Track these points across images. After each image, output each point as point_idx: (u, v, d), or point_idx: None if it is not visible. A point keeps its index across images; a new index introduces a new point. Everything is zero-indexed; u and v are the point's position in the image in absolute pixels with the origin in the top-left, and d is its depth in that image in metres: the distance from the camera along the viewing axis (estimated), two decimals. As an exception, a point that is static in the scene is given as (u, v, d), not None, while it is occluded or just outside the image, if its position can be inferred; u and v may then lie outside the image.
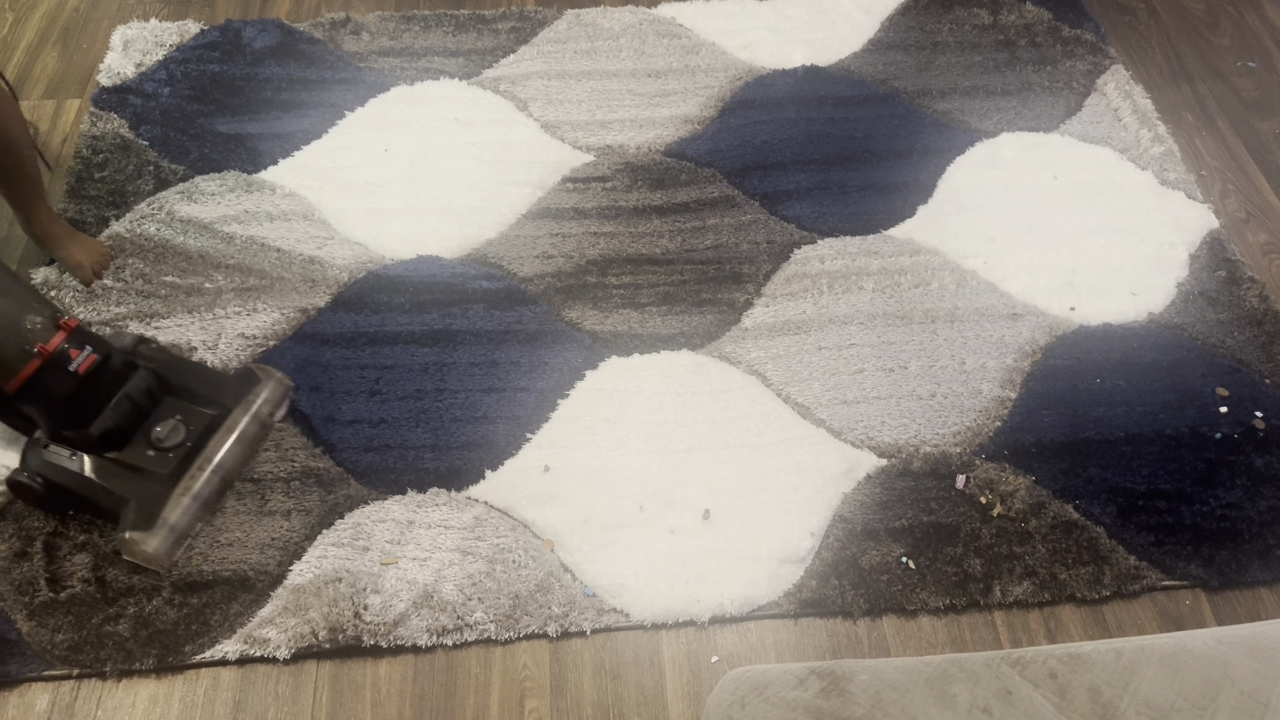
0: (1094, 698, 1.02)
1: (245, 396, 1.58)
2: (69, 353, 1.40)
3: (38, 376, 1.37)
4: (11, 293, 1.37)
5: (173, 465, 1.48)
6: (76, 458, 1.45)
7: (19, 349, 1.35)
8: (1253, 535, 1.56)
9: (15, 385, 1.36)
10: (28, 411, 1.43)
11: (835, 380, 1.71)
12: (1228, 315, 1.82)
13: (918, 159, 2.06)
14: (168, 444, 1.49)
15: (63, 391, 1.41)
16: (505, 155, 2.03)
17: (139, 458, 1.48)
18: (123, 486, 1.46)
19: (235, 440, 1.54)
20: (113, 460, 1.47)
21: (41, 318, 1.38)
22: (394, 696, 1.39)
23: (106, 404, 1.46)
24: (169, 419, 1.51)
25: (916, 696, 1.01)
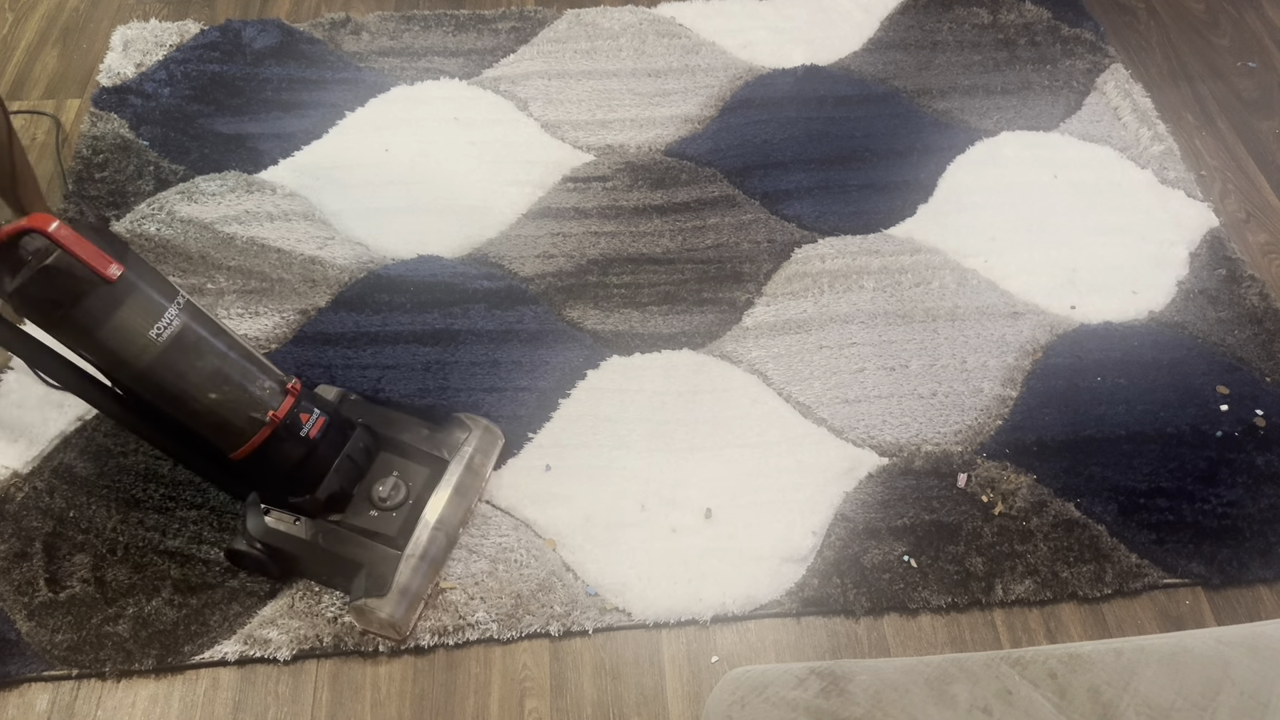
0: (1094, 698, 1.01)
1: (458, 448, 1.51)
2: (300, 417, 1.37)
3: (268, 443, 1.33)
4: (236, 357, 1.32)
5: (398, 525, 1.43)
6: (301, 523, 1.40)
7: (248, 417, 1.31)
8: (1253, 533, 1.56)
9: (244, 453, 1.33)
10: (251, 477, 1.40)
11: (836, 379, 1.71)
12: (1228, 313, 1.82)
13: (918, 158, 2.06)
14: (390, 503, 1.44)
15: (294, 457, 1.37)
16: (505, 155, 2.03)
17: (363, 519, 1.43)
18: (351, 551, 1.40)
19: (454, 494, 1.47)
20: (337, 523, 1.42)
21: (270, 381, 1.35)
22: (394, 696, 1.39)
23: (330, 466, 1.41)
24: (388, 477, 1.45)
25: (916, 696, 1.01)
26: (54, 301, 1.18)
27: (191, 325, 1.27)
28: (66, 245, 1.15)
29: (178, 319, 1.25)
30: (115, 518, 1.51)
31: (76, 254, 1.16)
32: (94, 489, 1.54)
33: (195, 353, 1.27)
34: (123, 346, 1.22)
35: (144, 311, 1.23)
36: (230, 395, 1.30)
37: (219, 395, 1.29)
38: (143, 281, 1.23)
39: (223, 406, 1.30)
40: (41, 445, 1.59)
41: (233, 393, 1.30)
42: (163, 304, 1.25)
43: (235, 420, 1.31)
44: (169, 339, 1.24)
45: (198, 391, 1.28)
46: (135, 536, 1.50)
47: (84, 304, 1.18)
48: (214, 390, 1.29)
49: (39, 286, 1.17)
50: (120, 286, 1.20)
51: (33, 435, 1.59)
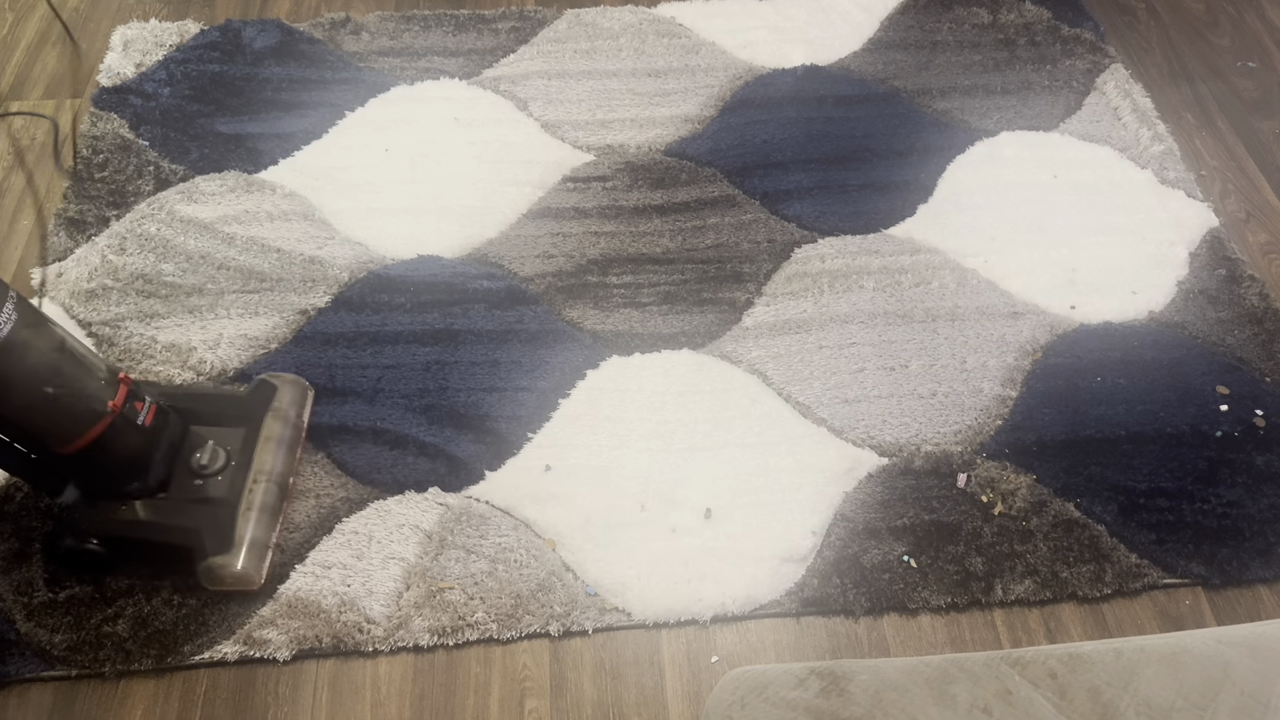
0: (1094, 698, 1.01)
1: (269, 405, 1.55)
2: (135, 405, 1.37)
3: (106, 433, 1.33)
4: (69, 350, 1.31)
5: (226, 486, 1.46)
6: (130, 507, 1.41)
7: (87, 409, 1.31)
8: (1253, 533, 1.56)
9: (81, 445, 1.32)
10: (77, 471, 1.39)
11: (836, 379, 1.71)
12: (1228, 313, 1.82)
13: (918, 158, 2.06)
14: (212, 469, 1.46)
15: (133, 445, 1.38)
16: (505, 155, 2.03)
17: (190, 490, 1.45)
18: (189, 519, 1.42)
19: (275, 445, 1.51)
20: (166, 499, 1.43)
21: (102, 373, 1.34)
22: (394, 696, 1.39)
23: (157, 450, 1.43)
24: (204, 446, 1.47)
25: (916, 696, 1.01)
26: None
27: (24, 320, 1.24)
28: None
29: (12, 314, 1.22)
30: (115, 518, 1.51)
31: None
32: (94, 489, 1.54)
33: (30, 347, 1.25)
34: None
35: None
36: (67, 388, 1.28)
37: (55, 389, 1.27)
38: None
39: (60, 400, 1.28)
40: (41, 445, 1.59)
41: (69, 385, 1.29)
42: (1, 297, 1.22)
43: (73, 412, 1.30)
44: (6, 333, 1.21)
45: (34, 386, 1.25)
46: (135, 536, 1.50)
47: None
48: (50, 384, 1.27)
49: None
50: None
51: (32, 435, 1.59)
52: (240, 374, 1.68)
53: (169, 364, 1.68)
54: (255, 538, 1.44)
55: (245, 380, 1.67)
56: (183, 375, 1.67)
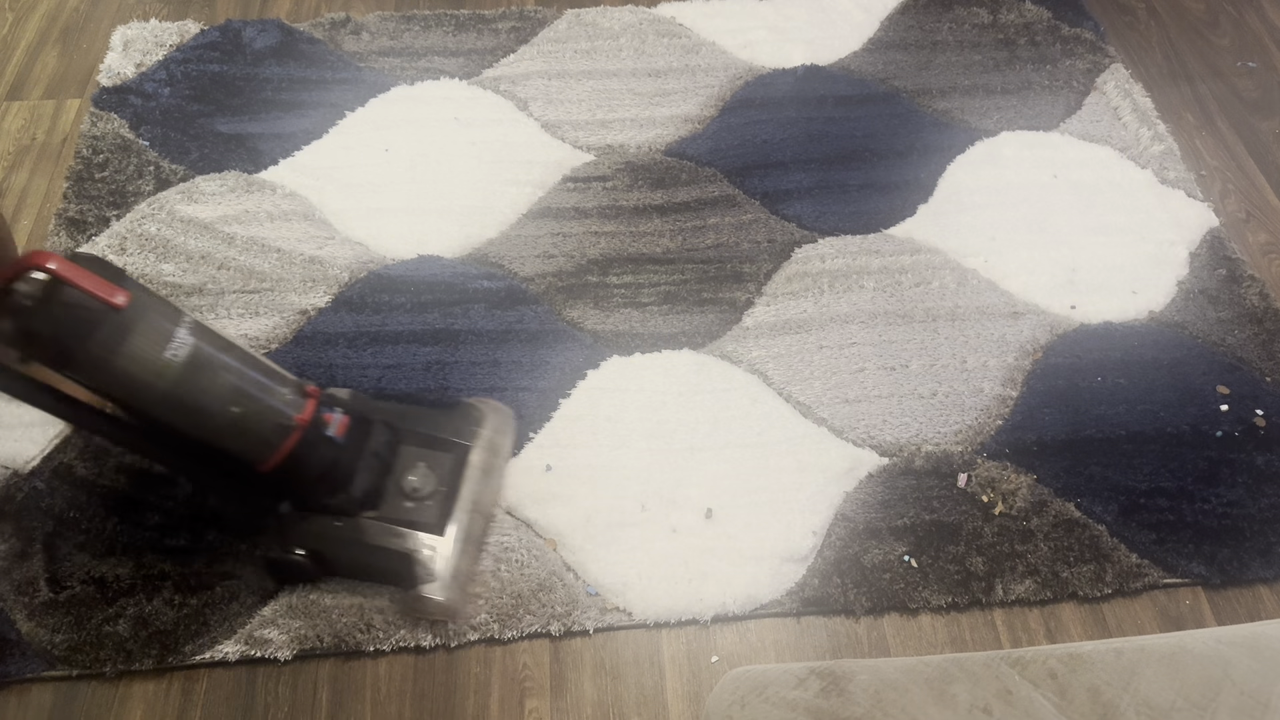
0: (1094, 698, 1.02)
1: (476, 431, 1.52)
2: (324, 418, 1.37)
3: (297, 449, 1.32)
4: (251, 369, 1.31)
5: (435, 512, 1.43)
6: (342, 523, 1.40)
7: (274, 425, 1.30)
8: (1254, 533, 1.56)
9: (275, 463, 1.32)
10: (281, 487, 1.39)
11: (836, 379, 1.71)
12: (1228, 313, 1.82)
13: (918, 158, 2.06)
14: (423, 492, 1.44)
15: (325, 459, 1.37)
16: (506, 155, 2.03)
17: (400, 511, 1.42)
18: (396, 543, 1.40)
19: (482, 475, 1.49)
20: (376, 519, 1.41)
21: (288, 389, 1.34)
22: (394, 696, 1.39)
23: (357, 464, 1.41)
24: (415, 468, 1.45)
25: (916, 696, 1.01)
26: (65, 338, 1.16)
27: (203, 342, 1.25)
28: (71, 278, 1.14)
29: (189, 338, 1.24)
30: (115, 518, 1.51)
31: (82, 285, 1.14)
32: (94, 489, 1.54)
33: (212, 369, 1.26)
34: (140, 373, 1.20)
35: (155, 335, 1.21)
36: (253, 406, 1.29)
37: (242, 408, 1.28)
38: (148, 305, 1.22)
39: (247, 419, 1.29)
40: (41, 445, 1.59)
41: (255, 403, 1.29)
42: (171, 325, 1.23)
43: (261, 430, 1.30)
44: (185, 359, 1.22)
45: (220, 407, 1.26)
46: (135, 536, 1.50)
47: (97, 336, 1.16)
48: (235, 404, 1.27)
49: (48, 325, 1.14)
50: (129, 313, 1.18)
51: (33, 435, 1.59)
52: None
53: (169, 364, 1.68)
54: (462, 569, 1.42)
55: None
56: (183, 375, 1.67)
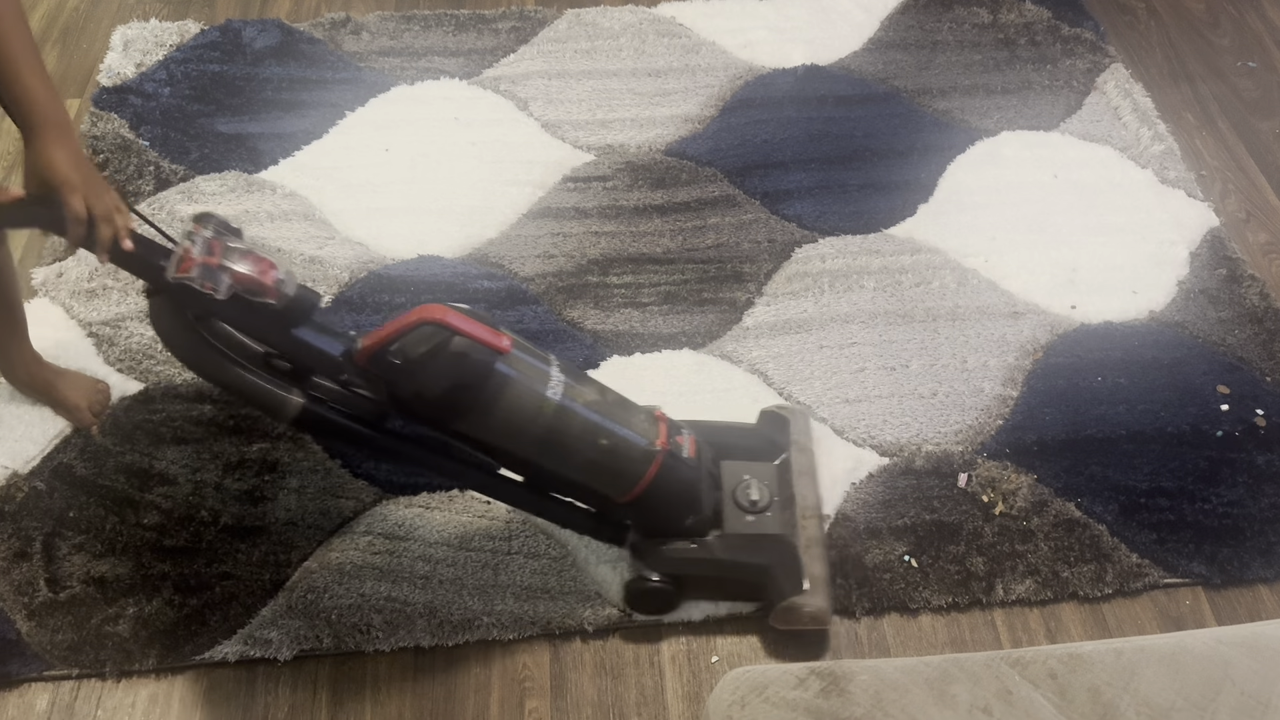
0: (1094, 698, 1.02)
1: (787, 436, 1.52)
2: (678, 441, 1.36)
3: (658, 475, 1.31)
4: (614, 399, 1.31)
5: (780, 522, 1.42)
6: (700, 544, 1.38)
7: (640, 452, 1.30)
8: (1254, 532, 1.56)
9: (639, 490, 1.31)
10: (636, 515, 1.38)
11: (837, 379, 1.71)
12: (1228, 313, 1.82)
13: (918, 158, 2.06)
14: (761, 504, 1.42)
15: (686, 480, 1.36)
16: (506, 155, 2.03)
17: (746, 525, 1.41)
18: (755, 558, 1.40)
19: (806, 479, 1.48)
20: (727, 536, 1.40)
21: (641, 415, 1.34)
22: (394, 696, 1.39)
23: (703, 485, 1.39)
24: (744, 481, 1.43)
25: (916, 696, 1.01)
26: (462, 387, 1.17)
27: (571, 378, 1.26)
28: (459, 327, 1.15)
29: (562, 375, 1.25)
30: (115, 518, 1.51)
31: (470, 334, 1.15)
32: (94, 489, 1.54)
33: (583, 403, 1.26)
34: (522, 414, 1.21)
35: (535, 375, 1.22)
36: (619, 437, 1.29)
37: (609, 440, 1.28)
38: (524, 347, 1.23)
39: (615, 450, 1.28)
40: (41, 445, 1.59)
41: (619, 434, 1.29)
42: (545, 363, 1.24)
43: (627, 460, 1.30)
44: (561, 396, 1.23)
45: (592, 440, 1.26)
46: (135, 536, 1.50)
47: (490, 381, 1.18)
48: (604, 436, 1.27)
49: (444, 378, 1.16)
50: (513, 356, 1.20)
51: (33, 435, 1.59)
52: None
53: (170, 364, 1.68)
54: (818, 574, 1.40)
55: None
56: (183, 375, 1.67)
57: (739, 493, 1.42)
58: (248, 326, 1.18)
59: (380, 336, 1.17)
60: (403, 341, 1.16)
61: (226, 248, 1.12)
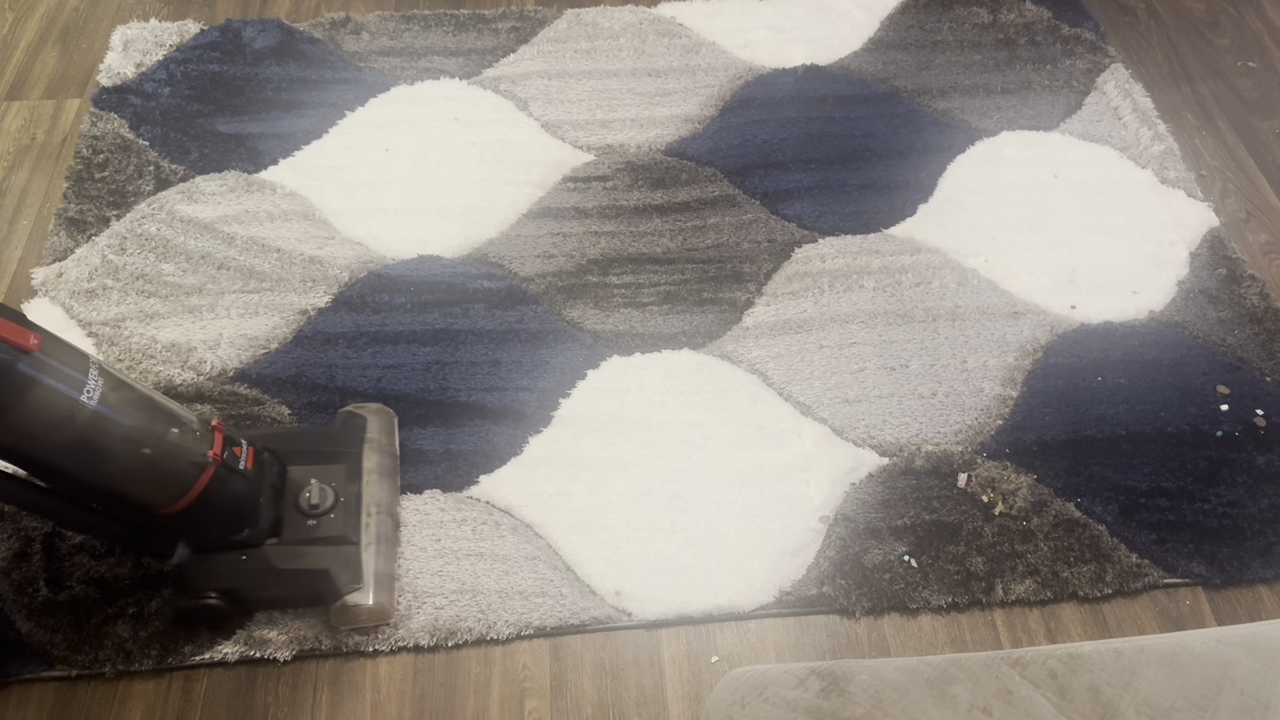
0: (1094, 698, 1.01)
1: (361, 436, 1.52)
2: (234, 451, 1.33)
3: (210, 485, 1.28)
4: (159, 407, 1.26)
5: (342, 523, 1.41)
6: (250, 556, 1.36)
7: (188, 462, 1.26)
8: (1254, 532, 1.56)
9: (186, 502, 1.27)
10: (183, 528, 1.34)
11: (837, 379, 1.71)
12: (1228, 313, 1.82)
13: (918, 158, 2.06)
14: (323, 507, 1.41)
15: (239, 492, 1.33)
16: (506, 155, 2.03)
17: (306, 530, 1.40)
18: (312, 562, 1.38)
19: (379, 477, 1.48)
20: (283, 544, 1.38)
21: (194, 424, 1.29)
22: (394, 696, 1.39)
23: (260, 494, 1.37)
24: (308, 485, 1.42)
25: (916, 696, 1.01)
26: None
27: (111, 383, 1.19)
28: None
29: (100, 378, 1.18)
30: (115, 518, 1.51)
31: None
32: (94, 489, 1.54)
33: (123, 409, 1.20)
34: (49, 419, 1.14)
35: (67, 377, 1.15)
36: (165, 445, 1.23)
37: (153, 448, 1.22)
38: (58, 348, 1.16)
39: (160, 459, 1.23)
40: (41, 445, 1.58)
41: (166, 442, 1.24)
42: (82, 367, 1.17)
43: (175, 468, 1.25)
44: (98, 400, 1.16)
45: (133, 448, 1.21)
46: (135, 536, 1.50)
47: (10, 382, 1.10)
48: (146, 444, 1.22)
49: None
50: (39, 356, 1.12)
51: (33, 435, 1.59)
52: (240, 374, 1.68)
53: (169, 364, 1.68)
54: (382, 571, 1.41)
55: (244, 380, 1.67)
56: (183, 375, 1.67)
57: (300, 498, 1.41)
58: None
59: None
60: None
61: None
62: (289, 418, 1.63)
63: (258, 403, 1.65)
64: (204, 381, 1.67)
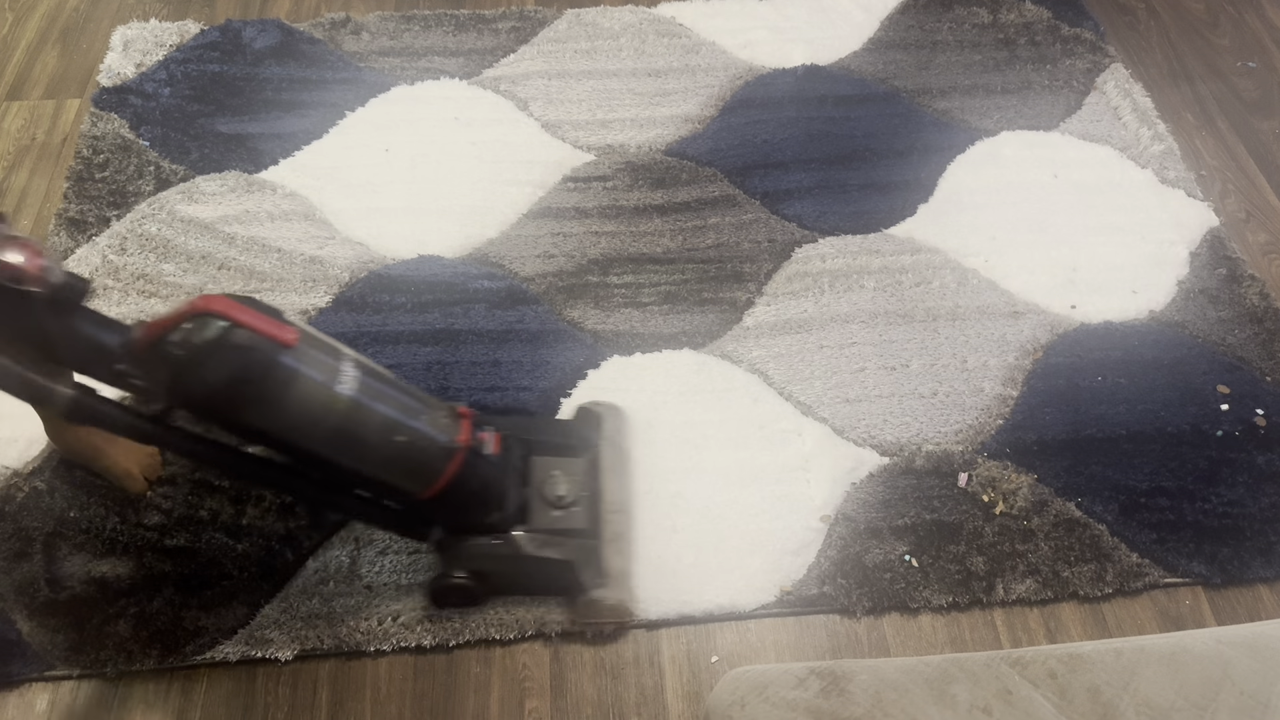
0: (1094, 698, 1.02)
1: (599, 432, 1.53)
2: (480, 438, 1.35)
3: (460, 471, 1.31)
4: (407, 395, 1.30)
5: (586, 517, 1.43)
6: (503, 540, 1.38)
7: (438, 449, 1.29)
8: (1254, 532, 1.56)
9: (439, 487, 1.30)
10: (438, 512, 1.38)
11: (837, 379, 1.71)
12: (1228, 313, 1.82)
13: (918, 158, 2.06)
14: (569, 499, 1.43)
15: (487, 478, 1.36)
16: (506, 155, 2.03)
17: (552, 520, 1.41)
18: (558, 553, 1.40)
19: (616, 475, 1.50)
20: (530, 532, 1.40)
21: (442, 412, 1.33)
22: (394, 696, 1.39)
23: (509, 480, 1.40)
24: (553, 476, 1.44)
25: (916, 696, 1.01)
26: (241, 383, 1.13)
27: (365, 373, 1.24)
28: (242, 319, 1.12)
29: (354, 368, 1.22)
30: (115, 518, 1.51)
31: (253, 326, 1.12)
32: (94, 489, 1.54)
33: (377, 398, 1.24)
34: (311, 409, 1.19)
35: (324, 369, 1.20)
36: (416, 433, 1.27)
37: (406, 436, 1.26)
38: (313, 342, 1.20)
39: (412, 446, 1.27)
40: (41, 445, 1.59)
41: (417, 430, 1.28)
42: (335, 358, 1.22)
43: (425, 456, 1.29)
44: (353, 391, 1.21)
45: (387, 436, 1.25)
46: (135, 536, 1.50)
47: (274, 375, 1.15)
48: (400, 432, 1.26)
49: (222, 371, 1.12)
50: (299, 349, 1.17)
51: (33, 435, 1.59)
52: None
53: (169, 364, 1.68)
54: (623, 570, 1.42)
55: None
56: (183, 375, 1.67)
57: (546, 488, 1.43)
58: (10, 317, 1.12)
59: (159, 325, 1.13)
60: (182, 332, 1.12)
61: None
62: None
63: (258, 403, 1.65)
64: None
